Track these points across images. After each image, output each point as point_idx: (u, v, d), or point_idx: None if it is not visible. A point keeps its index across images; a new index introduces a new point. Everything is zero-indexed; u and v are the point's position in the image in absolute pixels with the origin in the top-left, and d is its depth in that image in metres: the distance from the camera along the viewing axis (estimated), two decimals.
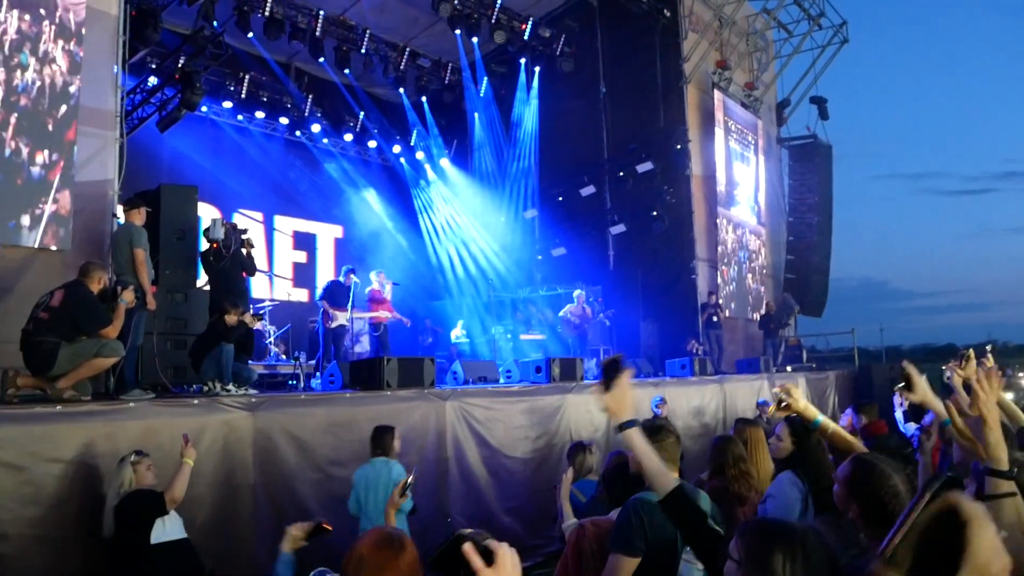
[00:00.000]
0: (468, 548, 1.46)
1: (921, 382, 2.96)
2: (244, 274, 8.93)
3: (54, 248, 8.18)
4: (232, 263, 8.63)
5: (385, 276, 12.61)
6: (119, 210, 8.69)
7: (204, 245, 8.87)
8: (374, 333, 12.17)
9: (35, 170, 8.14)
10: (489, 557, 1.48)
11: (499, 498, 8.12)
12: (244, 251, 8.80)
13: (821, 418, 3.44)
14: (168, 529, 4.83)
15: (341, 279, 11.77)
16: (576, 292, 14.83)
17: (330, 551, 3.92)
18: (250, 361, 8.74)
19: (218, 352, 7.21)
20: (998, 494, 2.25)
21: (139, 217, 7.48)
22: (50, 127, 8.27)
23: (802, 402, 3.38)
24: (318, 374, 10.18)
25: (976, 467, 2.50)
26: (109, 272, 6.61)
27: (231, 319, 7.56)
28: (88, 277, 6.28)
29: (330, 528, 3.48)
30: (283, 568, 3.38)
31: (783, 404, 3.35)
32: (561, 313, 14.79)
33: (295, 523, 3.44)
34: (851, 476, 2.59)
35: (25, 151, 8.07)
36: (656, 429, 3.47)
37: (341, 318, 11.19)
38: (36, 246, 8.09)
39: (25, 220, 8.03)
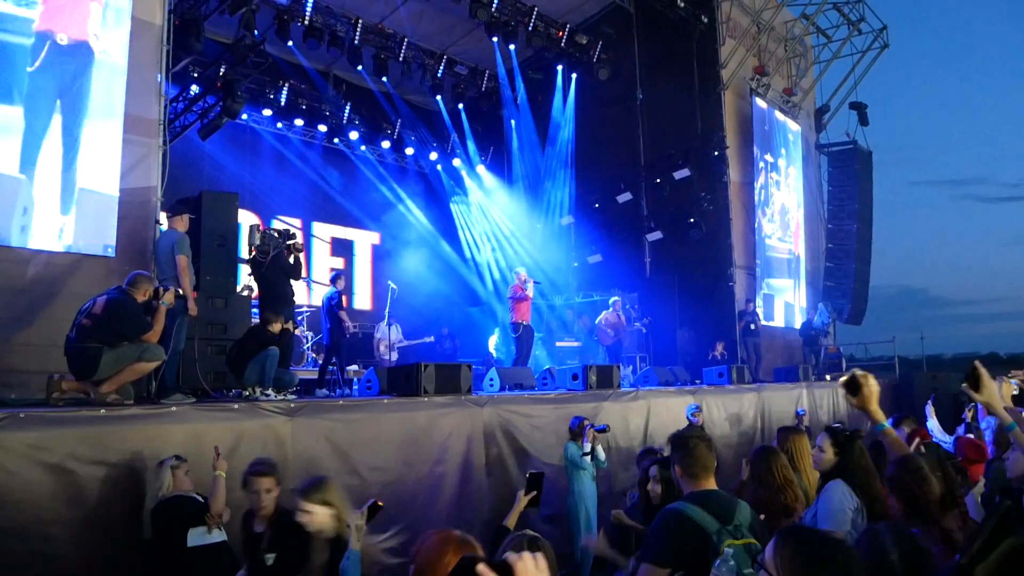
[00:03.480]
0: (483, 570, 1.43)
1: (991, 384, 2.91)
2: (291, 279, 8.95)
3: (99, 254, 8.32)
4: (272, 268, 8.68)
5: (527, 273, 12.26)
6: (162, 217, 8.82)
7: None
8: (513, 335, 11.85)
9: (81, 176, 8.30)
10: (507, 572, 1.44)
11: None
12: (290, 256, 8.82)
13: (885, 425, 3.40)
14: (209, 533, 4.88)
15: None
16: (612, 299, 14.76)
17: (390, 551, 3.92)
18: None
19: (263, 356, 7.25)
20: None
21: (182, 224, 7.58)
22: (96, 132, 8.43)
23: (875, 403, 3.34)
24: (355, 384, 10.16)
25: None
26: (155, 284, 6.69)
27: (275, 328, 7.61)
28: (135, 287, 6.36)
29: (382, 504, 3.52)
30: (352, 567, 3.35)
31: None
32: (597, 320, 14.73)
33: (353, 513, 3.48)
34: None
35: (72, 156, 8.23)
36: (686, 437, 3.45)
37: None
38: (81, 252, 8.24)
39: (71, 226, 8.18)
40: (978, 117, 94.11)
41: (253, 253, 8.79)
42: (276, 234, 8.92)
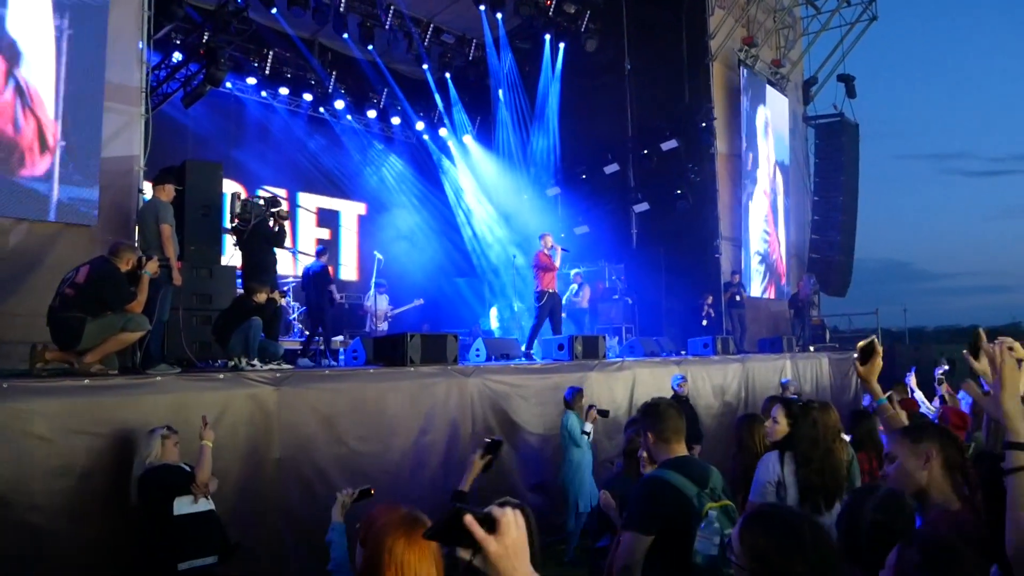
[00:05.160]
0: (469, 519, 1.42)
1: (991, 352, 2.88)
2: (274, 247, 8.89)
3: (80, 224, 8.25)
4: (253, 236, 8.60)
5: (553, 240, 11.59)
6: (146, 186, 8.73)
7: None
8: (537, 303, 11.30)
9: (61, 144, 8.19)
10: (492, 525, 1.43)
11: (523, 474, 8.15)
12: (275, 224, 8.74)
13: (884, 400, 3.40)
14: (196, 501, 4.90)
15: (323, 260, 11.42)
16: (573, 271, 14.79)
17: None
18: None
19: (247, 327, 7.23)
20: (1018, 467, 2.18)
21: (166, 194, 7.51)
22: (77, 102, 8.31)
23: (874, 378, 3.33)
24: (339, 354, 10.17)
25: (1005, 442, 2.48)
26: (138, 252, 6.64)
27: (260, 298, 7.58)
28: (117, 256, 6.31)
29: (373, 492, 3.63)
30: (338, 536, 3.50)
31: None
32: (577, 299, 14.68)
33: (344, 490, 3.64)
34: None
35: (51, 125, 8.12)
36: (657, 405, 3.49)
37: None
38: (63, 222, 8.16)
39: (52, 195, 8.09)
40: (964, 91, 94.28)
41: (235, 222, 8.72)
42: (261, 202, 8.83)
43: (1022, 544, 2.11)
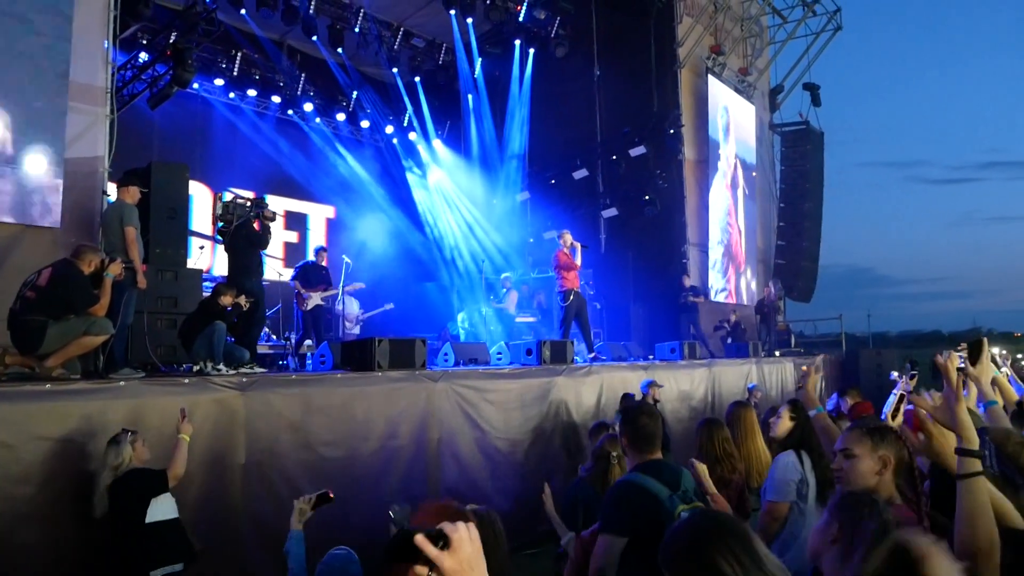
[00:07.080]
0: (420, 539, 1.43)
1: (988, 362, 3.06)
2: (259, 249, 8.75)
3: (43, 225, 8.11)
4: (236, 238, 8.51)
5: (573, 237, 11.38)
6: (110, 187, 8.62)
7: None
8: (562, 303, 11.11)
9: (23, 144, 8.06)
10: (445, 542, 1.45)
11: (491, 479, 8.14)
12: (258, 225, 8.64)
13: (821, 409, 3.58)
14: (162, 508, 4.85)
15: (313, 259, 11.76)
16: (503, 275, 14.80)
17: (344, 526, 3.95)
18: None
19: (210, 331, 7.16)
20: (970, 472, 2.28)
21: (130, 195, 7.43)
22: (41, 101, 8.18)
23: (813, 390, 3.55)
24: (308, 356, 10.15)
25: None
26: (102, 255, 6.55)
27: (225, 300, 7.51)
28: (80, 259, 6.23)
29: (333, 497, 3.57)
30: (295, 545, 3.46)
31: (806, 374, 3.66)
32: (502, 305, 14.55)
33: (301, 497, 3.56)
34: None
35: (13, 124, 7.99)
36: (634, 412, 3.54)
37: (316, 298, 11.15)
38: (25, 223, 8.02)
39: (13, 195, 7.95)
40: (924, 100, 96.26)
41: (218, 224, 8.62)
42: (247, 203, 8.70)
43: (967, 541, 2.21)
